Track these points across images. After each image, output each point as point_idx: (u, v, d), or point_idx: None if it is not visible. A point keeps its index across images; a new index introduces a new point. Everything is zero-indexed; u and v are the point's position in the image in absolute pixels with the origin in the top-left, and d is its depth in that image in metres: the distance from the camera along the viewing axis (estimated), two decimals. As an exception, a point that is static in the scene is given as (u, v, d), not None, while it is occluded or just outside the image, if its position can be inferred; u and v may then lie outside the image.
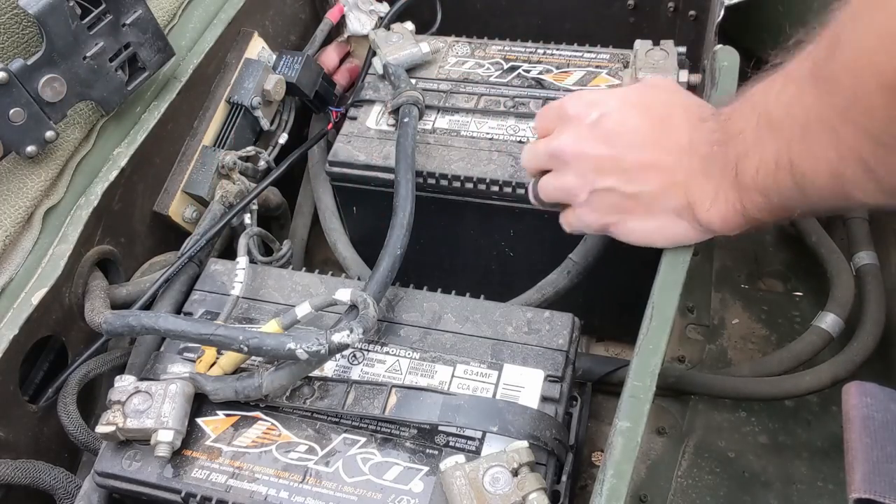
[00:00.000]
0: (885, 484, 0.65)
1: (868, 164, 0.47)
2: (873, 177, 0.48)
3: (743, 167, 0.56)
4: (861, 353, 0.98)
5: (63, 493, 0.74)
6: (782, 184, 0.54)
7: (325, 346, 0.66)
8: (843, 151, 0.48)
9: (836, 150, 0.48)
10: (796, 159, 0.51)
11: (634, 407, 0.64)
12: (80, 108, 0.86)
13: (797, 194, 0.53)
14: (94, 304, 0.81)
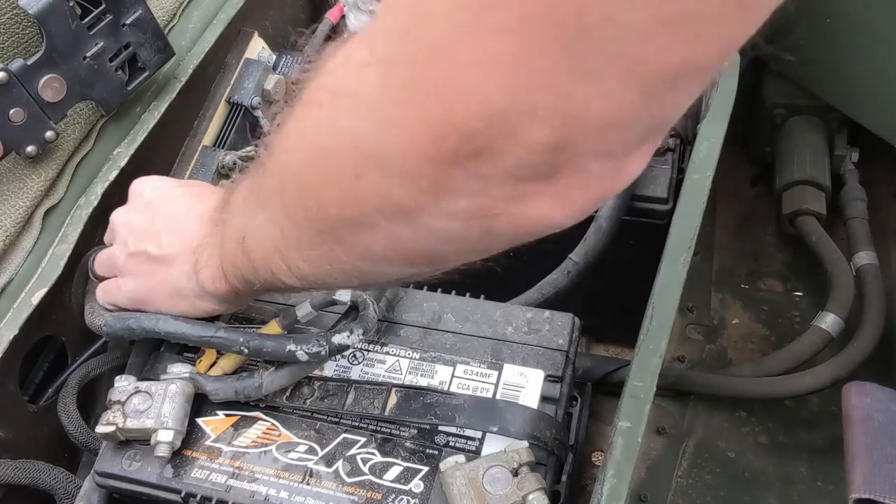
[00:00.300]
0: (885, 484, 0.65)
1: (280, 250, 0.50)
2: (285, 261, 0.50)
3: (226, 235, 0.59)
4: (861, 353, 0.98)
5: (63, 493, 0.74)
6: (241, 257, 0.57)
7: (325, 347, 0.66)
8: (268, 235, 0.51)
9: (265, 233, 0.51)
10: (248, 236, 0.55)
11: (634, 407, 0.64)
12: (80, 108, 0.86)
13: (252, 271, 0.56)
14: (93, 306, 0.81)
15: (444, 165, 0.34)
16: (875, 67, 1.08)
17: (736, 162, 1.31)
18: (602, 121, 0.32)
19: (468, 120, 0.32)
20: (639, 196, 0.87)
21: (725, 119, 0.86)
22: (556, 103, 0.31)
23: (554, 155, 0.33)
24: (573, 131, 0.32)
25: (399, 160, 0.35)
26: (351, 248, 0.44)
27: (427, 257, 0.41)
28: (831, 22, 1.09)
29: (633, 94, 0.31)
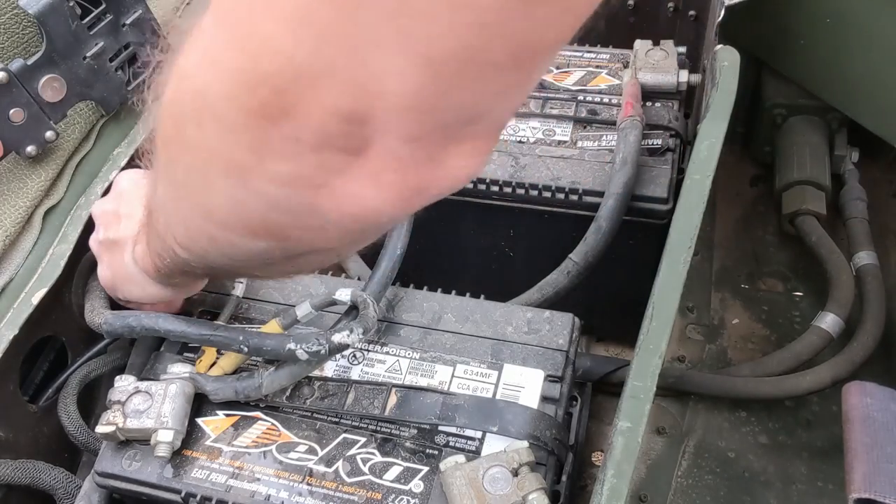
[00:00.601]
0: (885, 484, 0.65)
1: (167, 217, 0.51)
2: (170, 229, 0.51)
3: (153, 220, 0.58)
4: (861, 353, 0.98)
5: (63, 493, 0.74)
6: (152, 231, 0.57)
7: (325, 347, 0.66)
8: (158, 202, 0.52)
9: (158, 200, 0.52)
10: (152, 207, 0.55)
11: (634, 407, 0.64)
12: (80, 108, 0.86)
13: (160, 244, 0.56)
14: (94, 305, 0.81)
15: (261, 120, 0.34)
16: (875, 67, 1.08)
17: (736, 162, 1.31)
18: (399, 99, 0.32)
19: (273, 72, 0.33)
20: (639, 196, 0.87)
21: (725, 119, 0.86)
22: (353, 71, 0.31)
23: (357, 126, 0.33)
24: (372, 104, 0.32)
25: (225, 110, 0.35)
26: (196, 208, 0.44)
27: (266, 228, 0.42)
28: (831, 22, 1.09)
29: (425, 76, 0.31)
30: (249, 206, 0.40)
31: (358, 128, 0.33)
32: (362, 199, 0.37)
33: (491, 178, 0.90)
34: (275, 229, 0.42)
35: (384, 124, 0.33)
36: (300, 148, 0.35)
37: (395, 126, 0.34)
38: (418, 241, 0.80)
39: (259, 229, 0.42)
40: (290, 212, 0.39)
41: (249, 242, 0.44)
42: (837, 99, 1.17)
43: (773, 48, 1.19)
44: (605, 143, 0.92)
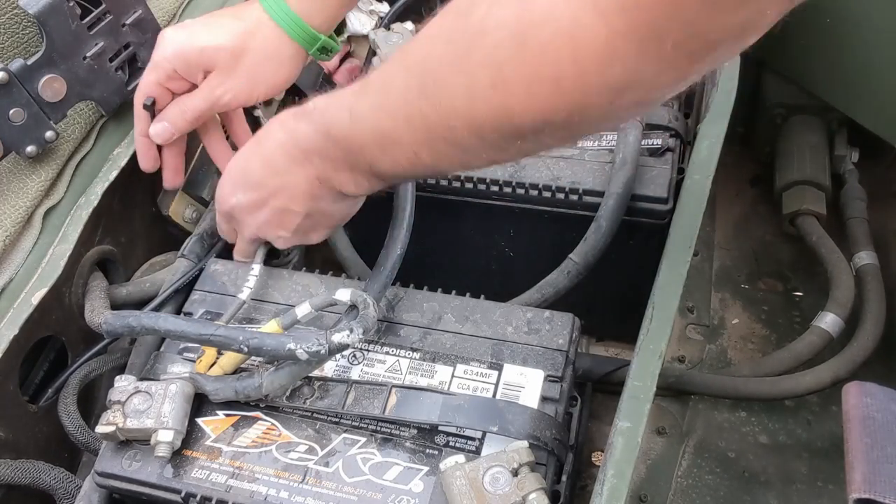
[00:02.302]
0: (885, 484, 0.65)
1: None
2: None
3: (378, 168, 0.66)
4: (861, 353, 0.98)
5: (63, 493, 0.74)
6: (419, 171, 0.68)
7: (325, 347, 0.66)
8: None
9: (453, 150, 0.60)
10: (427, 160, 0.62)
11: (634, 407, 0.64)
12: (80, 108, 0.86)
13: (432, 171, 0.73)
14: (94, 305, 0.81)
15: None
16: (874, 68, 1.08)
17: (736, 162, 1.31)
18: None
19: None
20: (639, 196, 0.87)
21: (725, 119, 0.86)
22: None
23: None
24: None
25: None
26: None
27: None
28: (831, 22, 1.09)
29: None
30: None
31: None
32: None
33: (491, 178, 0.90)
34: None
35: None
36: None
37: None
38: (418, 241, 0.81)
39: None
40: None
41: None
42: (837, 99, 1.17)
43: (773, 48, 1.19)
44: (605, 142, 0.92)
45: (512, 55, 0.50)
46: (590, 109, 0.52)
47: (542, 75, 0.50)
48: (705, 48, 0.48)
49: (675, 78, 0.51)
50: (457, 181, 0.91)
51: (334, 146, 0.67)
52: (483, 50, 0.52)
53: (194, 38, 0.78)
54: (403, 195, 0.81)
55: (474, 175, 0.91)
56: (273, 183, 0.72)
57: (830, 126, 1.25)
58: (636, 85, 0.50)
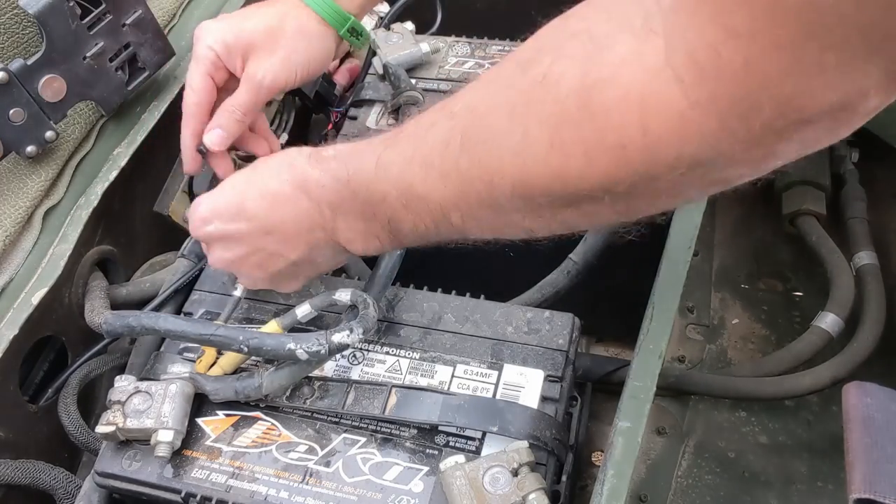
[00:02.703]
0: (885, 484, 0.65)
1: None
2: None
3: (397, 223, 0.61)
4: (861, 353, 0.98)
5: (63, 493, 0.74)
6: (443, 234, 0.60)
7: (325, 347, 0.66)
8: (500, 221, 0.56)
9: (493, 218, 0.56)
10: (455, 221, 0.57)
11: (634, 407, 0.64)
12: (80, 108, 0.86)
13: (458, 236, 0.61)
14: (94, 305, 0.81)
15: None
16: (875, 67, 1.08)
17: (736, 162, 1.31)
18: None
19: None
20: (639, 196, 0.87)
21: (725, 119, 0.86)
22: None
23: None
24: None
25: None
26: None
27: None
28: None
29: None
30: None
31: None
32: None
33: (491, 178, 0.90)
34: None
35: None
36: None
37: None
38: (418, 241, 0.80)
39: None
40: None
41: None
42: (837, 99, 1.17)
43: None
44: (605, 143, 0.92)
45: (573, 114, 0.46)
46: (656, 183, 0.47)
47: (604, 141, 0.46)
48: (795, 127, 0.42)
49: (758, 158, 0.46)
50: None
51: (352, 197, 0.62)
52: (543, 105, 0.48)
53: (233, 24, 0.79)
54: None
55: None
56: (269, 220, 0.67)
57: (830, 126, 1.24)
58: (711, 163, 0.45)
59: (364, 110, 0.98)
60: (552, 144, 0.48)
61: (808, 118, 0.41)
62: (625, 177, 0.47)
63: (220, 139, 0.78)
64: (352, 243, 0.66)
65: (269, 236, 0.67)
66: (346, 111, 1.00)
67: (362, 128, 0.96)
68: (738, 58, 0.40)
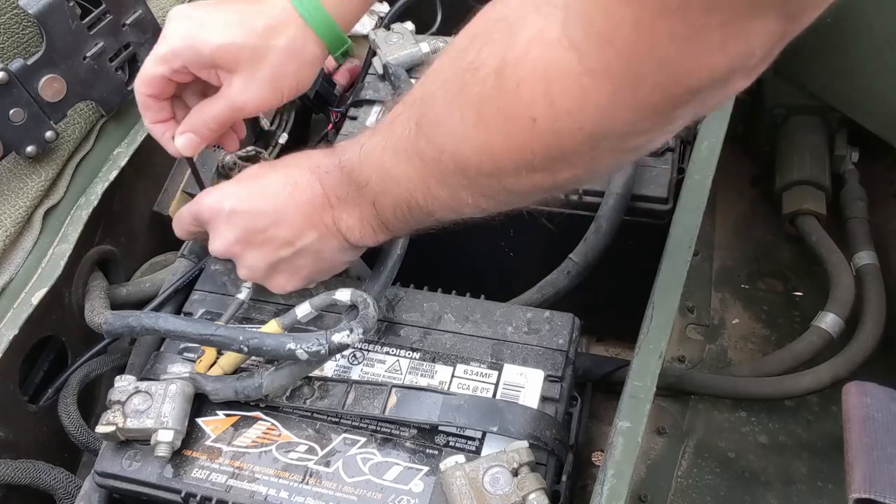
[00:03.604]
0: (885, 484, 0.65)
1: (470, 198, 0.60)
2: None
3: (380, 207, 0.66)
4: (861, 353, 0.98)
5: (63, 493, 0.74)
6: (416, 216, 0.65)
7: (325, 347, 0.66)
8: (453, 194, 0.60)
9: (447, 193, 0.60)
10: (421, 201, 0.62)
11: (634, 407, 0.64)
12: (80, 108, 0.86)
13: (427, 218, 0.66)
14: (94, 305, 0.81)
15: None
16: (875, 68, 1.08)
17: (736, 162, 1.31)
18: None
19: None
20: (639, 196, 0.87)
21: (725, 119, 0.86)
22: None
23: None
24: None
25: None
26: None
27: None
28: (831, 22, 1.09)
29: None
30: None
31: None
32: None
33: (491, 178, 0.90)
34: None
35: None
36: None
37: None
38: (418, 241, 0.80)
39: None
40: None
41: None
42: (837, 99, 1.17)
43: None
44: (605, 143, 0.92)
45: (492, 93, 0.50)
46: (568, 156, 0.51)
47: (517, 115, 0.49)
48: (688, 92, 0.44)
49: (655, 125, 0.48)
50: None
51: (347, 182, 0.67)
52: (471, 88, 0.52)
53: (209, 32, 0.69)
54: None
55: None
56: (280, 208, 0.69)
57: (830, 126, 1.25)
58: (613, 132, 0.48)
59: (364, 110, 0.98)
60: (477, 123, 0.52)
61: (698, 82, 0.43)
62: (539, 149, 0.50)
63: (191, 143, 0.74)
64: (351, 231, 0.70)
65: (279, 221, 0.70)
66: (346, 111, 1.00)
67: (362, 128, 0.96)
68: (628, 19, 0.42)
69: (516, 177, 0.54)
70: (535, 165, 0.52)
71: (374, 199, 0.66)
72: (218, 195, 0.73)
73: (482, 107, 0.51)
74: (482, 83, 0.51)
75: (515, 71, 0.48)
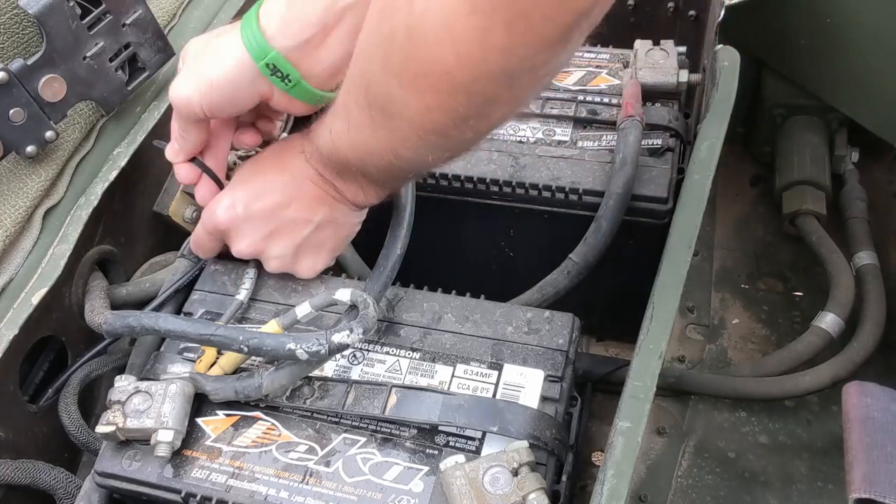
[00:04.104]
0: (885, 484, 0.65)
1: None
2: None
3: (369, 175, 0.70)
4: (861, 353, 0.98)
5: (63, 493, 0.74)
6: (402, 174, 0.70)
7: (325, 347, 0.66)
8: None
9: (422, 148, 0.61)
10: (398, 163, 0.64)
11: (634, 407, 0.64)
12: (80, 108, 0.86)
13: (413, 174, 0.73)
14: (94, 305, 0.81)
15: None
16: (875, 68, 1.08)
17: (736, 162, 1.32)
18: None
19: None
20: (639, 196, 0.87)
21: (726, 119, 0.86)
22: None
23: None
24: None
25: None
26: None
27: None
28: (831, 22, 1.09)
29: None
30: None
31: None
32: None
33: (491, 178, 0.90)
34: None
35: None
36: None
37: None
38: (418, 241, 0.81)
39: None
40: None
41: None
42: (837, 99, 1.17)
43: (773, 48, 1.19)
44: (605, 143, 0.92)
45: (410, 57, 0.52)
46: (491, 100, 0.53)
47: (435, 72, 0.51)
48: (577, 15, 0.47)
49: (557, 52, 0.50)
50: (457, 181, 0.91)
51: (330, 163, 0.70)
52: (393, 57, 0.54)
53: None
54: (404, 195, 0.81)
55: (474, 175, 0.91)
56: (289, 191, 0.73)
57: (830, 126, 1.25)
58: (519, 69, 0.50)
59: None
60: (409, 88, 0.54)
61: (584, 4, 0.46)
62: (464, 100, 0.53)
63: (170, 152, 0.77)
64: (356, 196, 0.73)
65: (291, 205, 0.74)
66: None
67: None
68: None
69: (456, 128, 0.56)
70: (466, 115, 0.54)
71: (361, 171, 0.69)
72: (227, 202, 0.75)
73: (407, 72, 0.53)
74: (400, 51, 0.52)
75: (421, 31, 0.50)
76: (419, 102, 0.55)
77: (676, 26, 1.19)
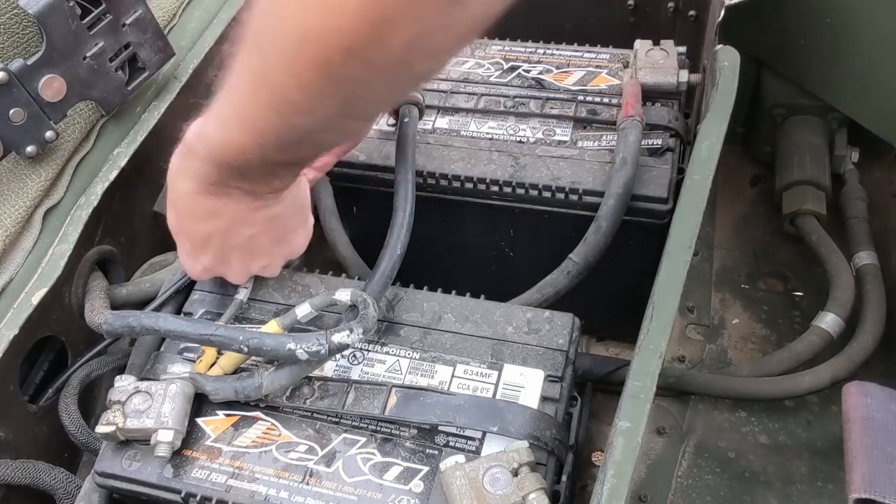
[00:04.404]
0: (885, 484, 0.65)
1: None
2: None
3: (268, 156, 0.63)
4: (861, 353, 0.98)
5: (63, 493, 0.74)
6: (279, 149, 0.62)
7: (325, 347, 0.66)
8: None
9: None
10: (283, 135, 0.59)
11: (634, 407, 0.64)
12: (80, 108, 0.86)
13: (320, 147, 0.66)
14: (94, 305, 0.81)
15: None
16: (874, 68, 1.08)
17: (736, 162, 1.31)
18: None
19: None
20: (639, 196, 0.87)
21: (726, 119, 0.86)
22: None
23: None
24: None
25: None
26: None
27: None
28: (831, 22, 1.09)
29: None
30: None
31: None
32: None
33: (491, 178, 0.90)
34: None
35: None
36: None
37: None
38: (418, 241, 0.81)
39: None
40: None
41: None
42: (837, 99, 1.17)
43: (773, 48, 1.19)
44: (605, 143, 0.92)
45: (291, 15, 0.49)
46: (378, 77, 0.50)
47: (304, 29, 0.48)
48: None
49: (456, 15, 0.47)
50: (457, 181, 0.91)
51: (224, 166, 0.64)
52: (269, 48, 0.52)
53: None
54: (403, 195, 0.81)
55: (474, 175, 0.91)
56: (215, 226, 0.70)
57: (830, 126, 1.25)
58: (421, 35, 0.47)
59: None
60: (289, 73, 0.51)
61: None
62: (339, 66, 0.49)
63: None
64: (271, 184, 0.67)
65: (230, 235, 0.71)
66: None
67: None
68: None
69: (343, 63, 0.51)
70: (350, 45, 0.49)
71: (263, 157, 0.63)
72: (175, 232, 0.74)
73: (290, 34, 0.50)
74: (282, 13, 0.50)
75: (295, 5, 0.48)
76: (296, 24, 0.50)
77: (676, 26, 1.19)
